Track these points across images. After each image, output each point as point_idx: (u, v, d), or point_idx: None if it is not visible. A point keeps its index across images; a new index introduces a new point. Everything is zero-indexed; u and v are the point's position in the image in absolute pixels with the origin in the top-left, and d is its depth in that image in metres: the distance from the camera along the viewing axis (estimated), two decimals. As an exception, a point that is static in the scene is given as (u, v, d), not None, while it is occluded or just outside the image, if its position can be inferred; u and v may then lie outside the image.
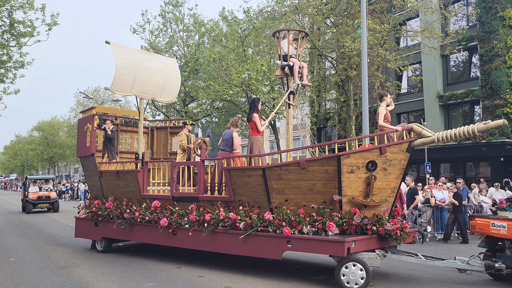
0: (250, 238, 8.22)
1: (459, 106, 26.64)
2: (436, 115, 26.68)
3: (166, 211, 9.63)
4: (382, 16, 20.71)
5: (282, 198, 8.05)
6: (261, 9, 25.30)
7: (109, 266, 9.36)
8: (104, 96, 54.26)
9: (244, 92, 24.86)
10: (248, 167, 8.43)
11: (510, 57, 23.31)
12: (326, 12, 21.00)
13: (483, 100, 24.33)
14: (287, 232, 7.65)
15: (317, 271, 9.11)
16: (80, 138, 12.29)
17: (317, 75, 25.03)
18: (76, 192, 41.15)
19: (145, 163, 10.53)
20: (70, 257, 10.43)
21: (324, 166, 7.63)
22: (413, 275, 8.63)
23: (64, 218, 21.14)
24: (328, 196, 7.70)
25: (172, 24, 31.05)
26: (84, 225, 11.67)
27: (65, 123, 64.70)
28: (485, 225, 7.97)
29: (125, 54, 11.12)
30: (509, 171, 22.40)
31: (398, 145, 7.63)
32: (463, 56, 26.19)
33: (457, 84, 26.44)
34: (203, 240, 8.94)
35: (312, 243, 7.52)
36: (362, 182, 7.60)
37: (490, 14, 24.01)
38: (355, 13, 20.91)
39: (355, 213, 7.50)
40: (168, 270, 8.91)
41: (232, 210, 8.58)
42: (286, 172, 7.91)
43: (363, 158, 7.55)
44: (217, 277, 8.29)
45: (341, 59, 21.07)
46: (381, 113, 8.40)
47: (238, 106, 26.18)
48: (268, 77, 23.44)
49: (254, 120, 9.07)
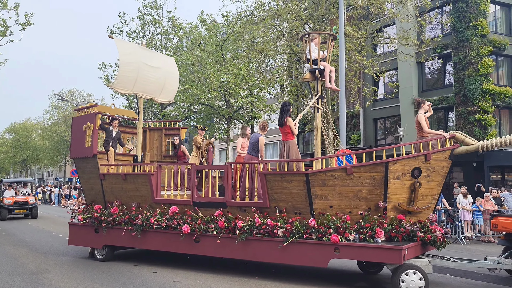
0: (291, 246, 7.92)
1: (434, 112, 27.11)
2: (411, 120, 27.08)
3: (187, 217, 9.15)
4: (359, 22, 20.98)
5: (325, 205, 7.85)
6: (240, 14, 25.33)
7: (83, 271, 9.15)
8: (80, 98, 53.41)
9: (222, 96, 24.80)
10: (289, 172, 8.17)
11: (482, 65, 23.88)
12: (305, 18, 21.15)
13: (456, 106, 24.85)
14: (336, 239, 7.47)
15: (299, 274, 9.11)
16: (75, 138, 11.21)
17: (295, 80, 25.15)
18: (50, 196, 40.27)
19: (158, 166, 9.92)
20: (42, 263, 10.16)
21: (371, 172, 7.57)
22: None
23: (44, 224, 20.06)
24: (373, 203, 7.64)
25: (150, 26, 30.84)
26: (81, 232, 10.79)
27: (38, 125, 63.31)
28: (509, 223, 8.27)
29: (128, 49, 10.73)
30: (481, 177, 22.91)
31: (441, 152, 7.69)
32: (437, 64, 26.73)
33: (432, 90, 26.95)
34: (233, 248, 8.54)
35: (364, 251, 7.38)
36: (407, 188, 7.62)
37: (464, 23, 24.59)
38: (333, 19, 21.11)
39: (401, 219, 7.48)
40: (143, 275, 8.76)
41: (266, 217, 8.29)
42: (331, 178, 7.74)
43: (409, 165, 7.57)
44: (193, 282, 8.20)
45: (319, 64, 21.18)
46: (423, 120, 8.32)
47: (216, 110, 26.10)
48: (246, 81, 23.45)
49: (289, 124, 8.71)
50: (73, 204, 32.90)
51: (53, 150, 54.69)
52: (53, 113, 56.67)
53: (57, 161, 59.07)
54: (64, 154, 55.32)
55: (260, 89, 25.34)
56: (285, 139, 8.85)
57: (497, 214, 9.58)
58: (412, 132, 26.65)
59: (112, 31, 30.44)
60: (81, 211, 11.06)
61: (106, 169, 10.55)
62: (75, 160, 11.51)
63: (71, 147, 11.50)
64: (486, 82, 23.92)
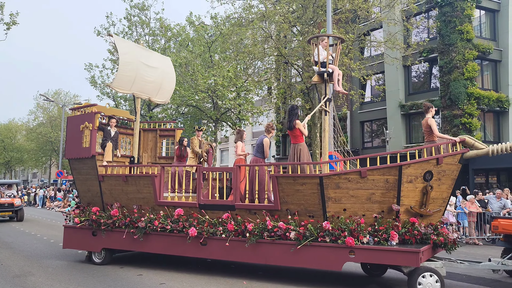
0: (303, 249, 7.84)
1: (420, 115, 27.40)
2: (398, 123, 27.36)
3: (193, 220, 8.97)
4: (347, 26, 21.11)
5: (338, 207, 7.82)
6: (228, 15, 25.32)
7: (67, 274, 9.03)
8: (66, 99, 52.88)
9: (210, 98, 24.76)
10: (302, 175, 8.09)
11: (467, 69, 24.21)
12: (293, 21, 21.22)
13: (442, 110, 25.14)
14: (351, 242, 7.43)
15: (280, 274, 9.10)
16: (71, 137, 10.79)
17: (283, 83, 25.21)
18: (34, 198, 39.75)
19: (162, 168, 9.71)
20: (26, 265, 9.99)
21: (385, 175, 7.62)
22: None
23: (28, 227, 19.67)
24: (386, 206, 7.68)
25: (138, 27, 30.67)
26: (77, 235, 10.42)
27: (23, 126, 62.51)
28: (509, 225, 8.57)
29: (127, 48, 10.54)
30: (465, 179, 23.18)
31: (452, 156, 7.79)
32: (423, 67, 27.02)
33: (418, 94, 27.24)
34: (243, 251, 8.39)
35: (380, 253, 7.40)
36: (419, 191, 7.71)
37: (449, 28, 24.91)
38: (321, 22, 21.22)
39: (414, 222, 7.54)
40: (129, 278, 8.67)
41: (277, 219, 8.20)
42: (345, 180, 7.73)
43: (422, 168, 7.65)
44: (179, 284, 8.13)
45: (307, 67, 21.30)
46: (434, 124, 8.38)
47: (203, 111, 26.03)
48: (234, 83, 23.44)
49: (298, 127, 8.65)
50: (58, 206, 32.55)
51: (38, 151, 54.04)
52: (38, 114, 56.06)
53: (42, 162, 58.36)
54: (49, 155, 54.72)
55: (248, 91, 25.35)
56: (295, 142, 8.80)
57: (498, 216, 9.94)
58: (398, 135, 26.90)
59: (99, 32, 30.22)
60: (76, 213, 10.72)
61: (105, 170, 10.24)
62: (70, 161, 11.03)
63: (66, 148, 11.09)
64: (471, 86, 24.26)
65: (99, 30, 30.38)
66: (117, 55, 29.79)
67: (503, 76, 26.01)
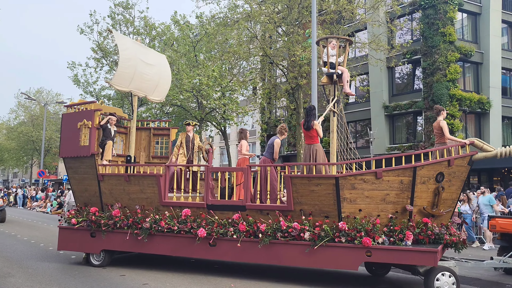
0: (319, 249, 7.85)
1: (403, 117, 27.70)
2: (381, 124, 27.61)
3: (201, 221, 8.79)
4: (332, 27, 21.23)
5: (353, 208, 7.86)
6: (214, 15, 25.26)
7: (47, 275, 8.87)
8: (48, 98, 52.14)
9: (195, 97, 24.66)
10: (318, 176, 8.10)
11: (450, 71, 24.55)
12: (278, 21, 21.26)
13: (425, 111, 25.44)
14: (368, 243, 7.49)
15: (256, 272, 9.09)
16: (66, 135, 10.43)
17: (268, 83, 25.24)
18: (15, 198, 39.07)
19: (167, 167, 9.48)
20: (5, 266, 9.79)
21: (400, 176, 7.74)
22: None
23: (8, 227, 19.19)
24: (400, 206, 7.78)
25: (122, 26, 30.34)
26: (74, 236, 10.03)
27: (4, 125, 61.40)
28: (508, 224, 8.99)
29: (126, 44, 10.34)
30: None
31: (462, 158, 7.97)
32: (407, 69, 27.31)
33: (402, 95, 27.51)
34: (255, 252, 8.32)
35: (397, 253, 7.52)
36: (431, 192, 7.87)
37: (432, 30, 25.22)
38: (306, 23, 21.30)
39: (427, 222, 7.67)
40: (112, 278, 8.56)
41: (290, 220, 8.16)
42: (360, 181, 7.79)
43: (434, 170, 7.81)
44: (162, 285, 8.07)
45: (291, 67, 21.36)
46: (446, 126, 8.56)
47: (188, 111, 25.91)
48: (219, 83, 23.38)
49: (316, 128, 8.66)
50: (40, 206, 32.06)
51: (19, 150, 53.11)
52: (19, 112, 55.14)
53: (23, 162, 57.39)
54: (31, 155, 53.86)
55: (233, 91, 25.31)
56: (311, 143, 8.78)
57: (495, 216, 10.42)
58: (382, 136, 27.13)
59: (82, 30, 29.83)
60: (71, 213, 10.35)
61: (105, 170, 9.92)
62: (65, 160, 10.60)
63: (60, 146, 10.66)
64: (453, 87, 24.60)
65: (82, 28, 29.99)
66: (101, 54, 29.61)
67: (484, 78, 26.43)
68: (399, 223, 7.73)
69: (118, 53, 30.17)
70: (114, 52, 29.77)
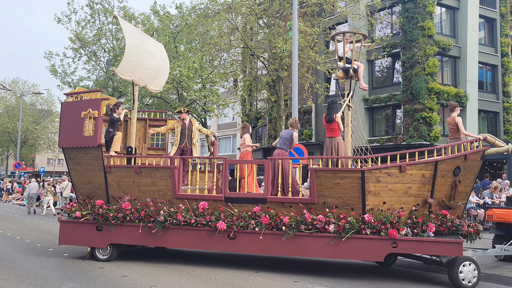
0: (344, 241, 8.03)
1: (383, 110, 27.99)
2: (361, 117, 27.83)
3: (219, 214, 8.72)
4: (313, 19, 21.27)
5: (377, 201, 8.09)
6: (194, 6, 25.03)
7: (24, 268, 8.74)
8: (24, 88, 51.04)
9: (175, 89, 24.46)
10: (343, 169, 8.30)
11: (428, 64, 24.88)
12: (259, 13, 21.19)
13: (404, 104, 25.75)
14: (395, 234, 7.74)
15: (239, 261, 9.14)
16: (67, 125, 9.97)
17: (249, 75, 25.18)
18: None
19: (181, 160, 9.30)
20: (-20, 260, 9.62)
21: (422, 170, 8.05)
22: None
23: None
24: (421, 199, 8.11)
25: (101, 15, 29.79)
26: (77, 230, 9.63)
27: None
28: (505, 214, 9.62)
29: (131, 32, 10.10)
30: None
31: (476, 153, 8.33)
32: (387, 62, 27.56)
33: (381, 88, 27.78)
34: (278, 245, 8.37)
35: (422, 244, 7.81)
36: (448, 186, 8.25)
37: (412, 24, 25.48)
38: (287, 15, 21.29)
39: (445, 214, 8.03)
40: (90, 271, 8.48)
41: (313, 213, 8.26)
42: (385, 175, 8.03)
43: (453, 164, 8.19)
44: (142, 277, 8.03)
45: (272, 59, 21.35)
46: (461, 122, 8.92)
47: (168, 103, 25.70)
48: (199, 74, 23.23)
49: (338, 121, 8.95)
50: (16, 199, 31.48)
51: (-6, 142, 51.96)
52: (-6, 103, 53.86)
53: (-2, 153, 56.21)
54: (7, 146, 52.70)
55: (214, 83, 25.17)
56: (333, 136, 9.03)
57: (492, 206, 11.31)
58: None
59: (60, 19, 29.20)
60: (70, 206, 9.96)
61: (112, 161, 9.59)
62: (65, 150, 10.07)
63: (60, 136, 10.14)
64: (431, 81, 24.94)
65: (59, 17, 29.34)
66: (79, 44, 29.05)
67: (461, 72, 26.86)
68: (421, 215, 8.05)
69: (96, 43, 29.76)
70: (92, 42, 29.28)
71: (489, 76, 29.37)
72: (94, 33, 29.43)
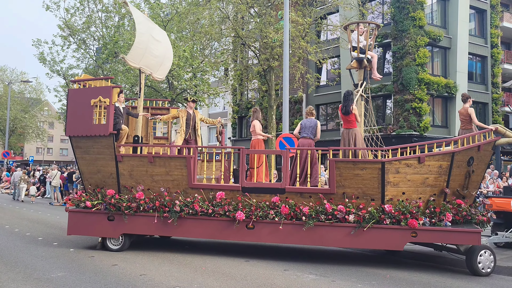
0: (364, 231, 8.17)
1: (373, 100, 28.00)
2: (352, 107, 27.91)
3: (237, 203, 8.67)
4: (304, 9, 21.18)
5: (396, 191, 8.24)
6: (185, -6, 24.75)
7: (13, 256, 8.72)
8: (12, 76, 50.37)
9: (166, 78, 24.27)
10: (363, 160, 8.42)
11: (419, 55, 24.96)
12: (250, 2, 21.03)
13: (394, 94, 25.87)
14: (415, 224, 7.90)
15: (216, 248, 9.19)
16: (75, 113, 9.64)
17: (240, 64, 25.08)
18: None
19: (194, 148, 9.22)
20: (-31, 249, 9.57)
21: (439, 161, 8.25)
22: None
23: None
24: (437, 189, 8.33)
25: (90, 3, 29.41)
26: (88, 220, 9.46)
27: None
28: (505, 203, 9.99)
29: (140, 18, 9.98)
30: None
31: (488, 143, 8.51)
32: (377, 52, 27.58)
33: (372, 78, 27.83)
34: (298, 235, 8.44)
35: (441, 234, 8.02)
36: (462, 176, 8.47)
37: (403, 14, 25.50)
38: (279, 5, 21.16)
39: (460, 204, 8.27)
40: (80, 260, 8.48)
41: (332, 203, 8.35)
42: (404, 166, 8.20)
43: (467, 155, 8.40)
44: (132, 266, 8.05)
45: (263, 49, 21.26)
46: (473, 113, 9.06)
47: (159, 92, 25.54)
48: (190, 63, 23.08)
49: (355, 113, 9.04)
50: (5, 188, 31.23)
51: (-19, 131, 51.33)
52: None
53: (-14, 142, 55.57)
54: (-5, 135, 52.12)
55: (204, 72, 25.03)
56: (350, 127, 9.06)
57: (491, 196, 11.69)
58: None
59: (48, 6, 28.77)
60: (79, 196, 9.70)
61: (125, 150, 9.51)
62: (73, 139, 9.75)
63: (67, 124, 9.79)
64: (422, 71, 25.05)
65: (48, 4, 28.90)
66: (68, 31, 28.68)
67: (451, 63, 26.99)
68: (438, 205, 8.23)
69: (85, 31, 29.35)
70: (81, 30, 28.92)
71: (478, 67, 29.56)
72: (83, 21, 29.07)
